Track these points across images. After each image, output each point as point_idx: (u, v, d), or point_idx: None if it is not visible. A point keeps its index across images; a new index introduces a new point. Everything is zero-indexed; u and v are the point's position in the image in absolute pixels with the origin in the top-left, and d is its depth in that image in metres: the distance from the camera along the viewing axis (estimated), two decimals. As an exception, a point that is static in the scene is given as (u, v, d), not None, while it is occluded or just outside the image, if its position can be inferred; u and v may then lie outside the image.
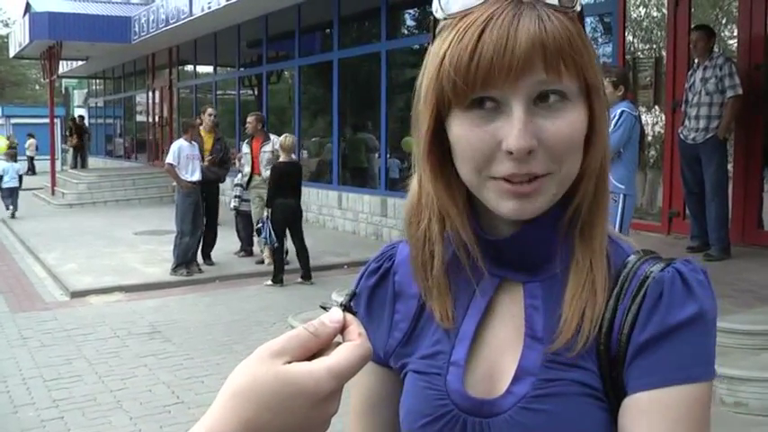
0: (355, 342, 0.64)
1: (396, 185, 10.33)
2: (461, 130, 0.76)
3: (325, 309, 0.67)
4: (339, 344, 0.64)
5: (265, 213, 8.16)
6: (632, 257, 0.82)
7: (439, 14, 0.78)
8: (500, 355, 0.83)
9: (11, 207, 14.67)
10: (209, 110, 9.87)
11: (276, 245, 8.07)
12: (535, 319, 0.81)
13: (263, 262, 8.91)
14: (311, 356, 0.63)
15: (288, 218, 8.01)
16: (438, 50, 0.76)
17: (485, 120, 0.75)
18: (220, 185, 9.57)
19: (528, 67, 0.72)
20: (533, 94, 0.73)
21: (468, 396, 0.82)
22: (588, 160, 0.79)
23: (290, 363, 0.62)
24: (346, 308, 0.67)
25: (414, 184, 0.87)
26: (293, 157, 8.24)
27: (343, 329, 0.65)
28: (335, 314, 0.66)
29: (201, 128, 9.49)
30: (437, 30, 0.78)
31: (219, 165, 9.31)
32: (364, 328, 0.91)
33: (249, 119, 9.26)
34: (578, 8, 0.76)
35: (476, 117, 0.75)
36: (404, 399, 0.88)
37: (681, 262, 0.79)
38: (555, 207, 0.79)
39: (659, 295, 0.77)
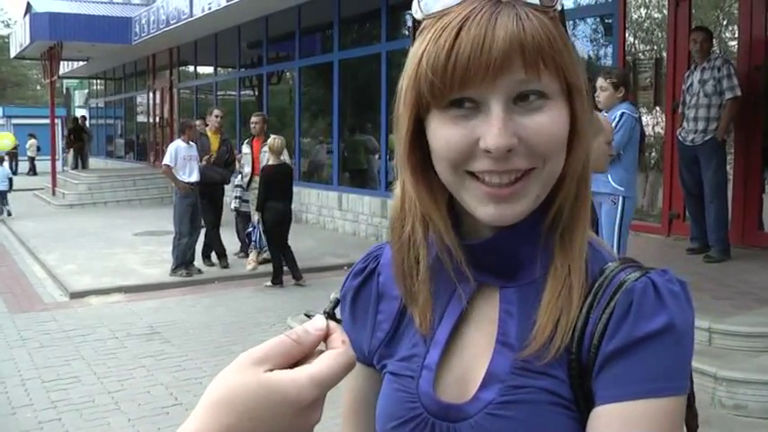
0: (338, 350, 0.63)
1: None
2: (439, 129, 0.75)
3: (308, 316, 0.66)
4: (322, 352, 0.64)
5: (256, 217, 8.11)
6: (610, 265, 0.79)
7: (418, 15, 0.77)
8: (473, 360, 0.81)
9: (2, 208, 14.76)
10: (216, 111, 9.72)
11: (266, 249, 8.02)
12: (508, 324, 0.80)
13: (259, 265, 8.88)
14: (294, 364, 0.62)
15: (279, 221, 7.96)
16: (416, 51, 0.75)
17: (463, 118, 0.73)
18: (225, 186, 9.52)
19: (506, 65, 0.70)
20: (512, 94, 0.72)
21: (438, 400, 0.81)
22: (570, 161, 0.77)
23: (272, 370, 0.61)
24: (330, 315, 0.67)
25: (398, 188, 0.86)
26: (282, 159, 8.08)
27: (326, 337, 0.65)
28: (319, 322, 0.65)
29: (207, 129, 9.46)
30: (417, 31, 0.77)
31: (225, 166, 9.28)
32: (349, 328, 0.91)
33: (255, 119, 9.14)
34: (559, 8, 0.75)
35: (454, 116, 0.74)
36: (379, 400, 0.88)
37: (657, 272, 0.77)
38: (535, 210, 0.77)
39: (629, 305, 0.74)
